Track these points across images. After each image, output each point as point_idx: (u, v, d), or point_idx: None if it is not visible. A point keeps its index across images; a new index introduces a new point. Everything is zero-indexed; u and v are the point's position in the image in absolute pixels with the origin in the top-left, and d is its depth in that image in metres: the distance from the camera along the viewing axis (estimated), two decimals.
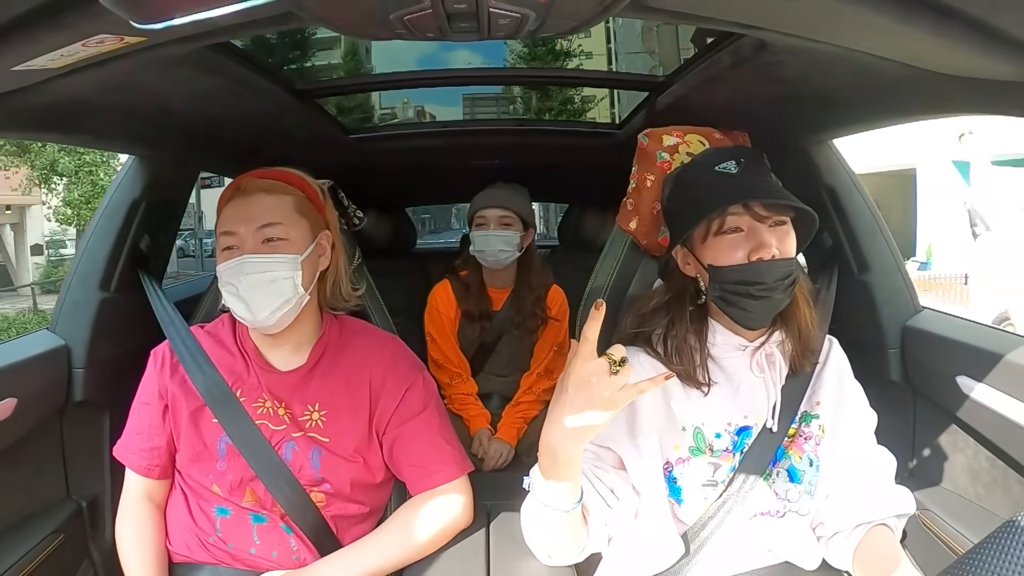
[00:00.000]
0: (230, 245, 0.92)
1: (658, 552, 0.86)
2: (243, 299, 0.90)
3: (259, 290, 0.90)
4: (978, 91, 0.74)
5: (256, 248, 0.91)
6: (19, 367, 1.09)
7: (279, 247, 0.92)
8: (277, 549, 0.94)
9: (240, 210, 0.93)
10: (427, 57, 2.11)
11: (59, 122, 0.94)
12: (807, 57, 0.80)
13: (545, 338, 1.84)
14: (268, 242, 0.92)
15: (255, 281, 0.90)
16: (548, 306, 1.83)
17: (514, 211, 1.76)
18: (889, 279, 1.25)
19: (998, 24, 0.57)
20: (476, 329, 1.84)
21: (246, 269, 0.90)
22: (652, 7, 0.62)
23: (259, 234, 0.91)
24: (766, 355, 0.90)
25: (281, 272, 0.91)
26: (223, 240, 0.93)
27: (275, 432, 0.95)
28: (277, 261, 0.91)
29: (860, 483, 0.90)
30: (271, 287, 0.90)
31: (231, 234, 0.92)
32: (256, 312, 0.91)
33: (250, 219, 0.92)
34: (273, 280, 0.90)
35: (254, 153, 1.42)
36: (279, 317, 0.92)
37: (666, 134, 1.10)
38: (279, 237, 0.92)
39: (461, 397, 1.80)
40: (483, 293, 1.84)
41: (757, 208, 0.83)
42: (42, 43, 0.59)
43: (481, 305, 1.83)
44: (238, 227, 0.92)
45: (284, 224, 0.93)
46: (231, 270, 0.91)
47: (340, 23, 0.61)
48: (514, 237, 1.75)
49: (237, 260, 0.91)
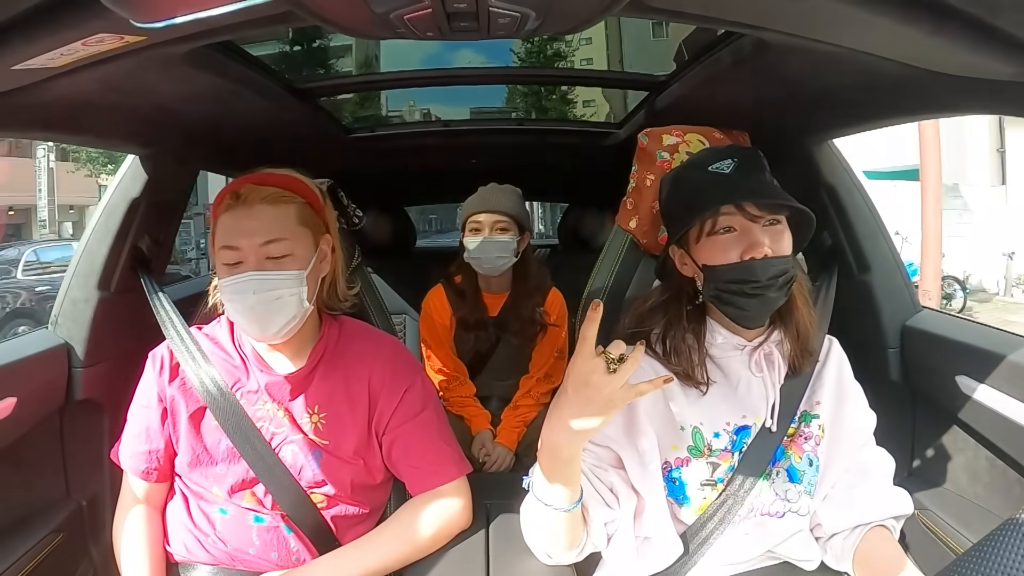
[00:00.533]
0: (233, 261, 0.89)
1: (657, 552, 0.86)
2: (250, 316, 0.89)
3: (266, 308, 0.88)
4: (978, 91, 0.74)
5: (260, 265, 0.88)
6: (19, 366, 1.09)
7: (284, 263, 0.89)
8: (277, 550, 0.94)
9: (242, 223, 0.89)
10: (432, 58, 2.11)
11: (59, 121, 0.94)
12: (807, 57, 0.80)
13: (544, 344, 1.81)
14: (272, 259, 0.89)
15: (262, 300, 0.88)
16: (546, 311, 1.79)
17: (510, 215, 1.71)
18: (889, 279, 1.25)
19: (997, 24, 0.57)
20: (471, 338, 1.80)
21: (252, 287, 0.87)
22: (652, 7, 0.62)
23: (263, 251, 0.89)
24: (765, 355, 0.90)
25: (287, 290, 0.89)
26: (224, 255, 0.90)
27: (275, 434, 0.95)
28: (283, 279, 0.89)
29: (859, 484, 0.90)
30: (277, 304, 0.89)
31: (233, 249, 0.89)
32: (265, 329, 0.90)
33: (253, 233, 0.89)
34: (279, 298, 0.89)
35: (254, 152, 1.42)
36: (286, 331, 0.91)
37: (666, 133, 1.10)
38: (284, 253, 0.90)
39: (459, 399, 1.78)
40: (478, 300, 1.80)
41: (750, 208, 0.83)
42: (42, 42, 0.59)
43: (476, 312, 1.79)
44: (240, 241, 0.89)
45: (289, 239, 0.90)
46: (235, 287, 0.88)
47: (340, 22, 0.60)
48: (510, 243, 1.70)
49: (242, 278, 0.88)
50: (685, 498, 0.87)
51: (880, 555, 0.85)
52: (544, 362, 1.80)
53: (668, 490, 0.87)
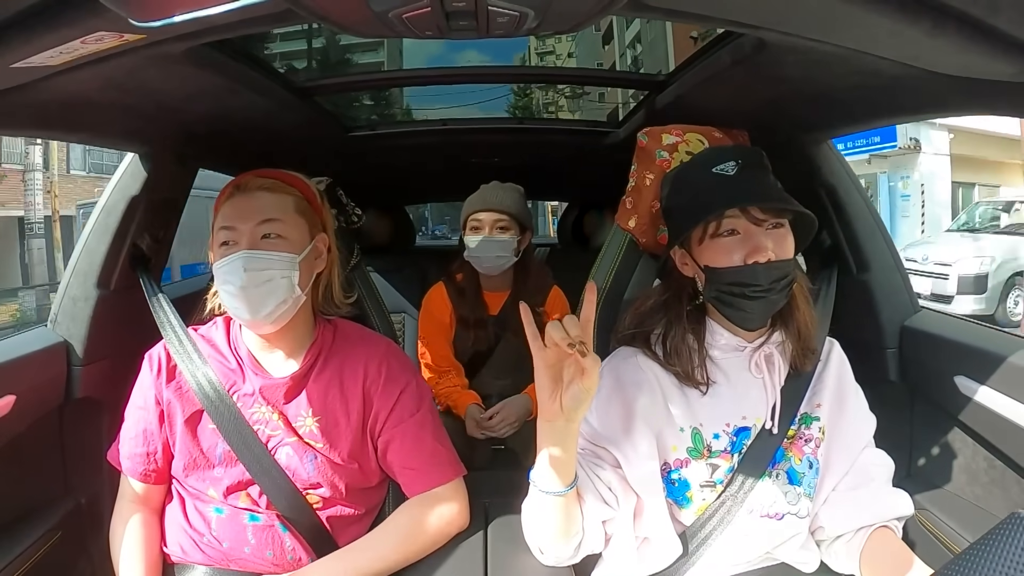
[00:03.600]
0: (227, 240, 0.92)
1: (657, 552, 0.86)
2: (241, 296, 0.89)
3: (258, 288, 0.89)
4: (977, 91, 0.74)
5: (254, 243, 0.90)
6: (18, 364, 1.09)
7: (277, 244, 0.91)
8: (272, 549, 0.94)
9: (240, 206, 0.92)
10: (438, 58, 2.12)
11: (58, 119, 0.94)
12: (807, 57, 0.80)
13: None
14: (267, 238, 0.91)
15: (253, 279, 0.89)
16: (548, 311, 1.77)
17: (511, 214, 1.70)
18: (888, 279, 1.25)
19: (997, 24, 0.57)
20: (471, 336, 1.79)
21: (244, 265, 0.89)
22: (651, 6, 0.62)
23: (258, 229, 0.91)
24: (765, 356, 0.90)
25: (279, 270, 0.90)
26: (220, 235, 0.92)
27: (270, 437, 0.95)
28: (276, 258, 0.91)
29: (861, 486, 0.90)
30: (269, 285, 0.90)
31: (230, 229, 0.91)
32: (255, 311, 0.90)
33: (250, 214, 0.91)
34: (270, 279, 0.90)
35: (254, 150, 1.42)
36: (277, 316, 0.92)
37: (665, 133, 1.10)
38: (278, 234, 0.91)
39: (447, 389, 1.75)
40: (479, 299, 1.79)
41: (754, 211, 0.83)
42: (41, 40, 0.59)
43: (477, 312, 1.78)
44: (237, 223, 0.91)
45: (283, 222, 0.92)
46: (228, 267, 0.90)
47: (338, 21, 0.60)
48: (511, 242, 1.69)
49: (235, 256, 0.90)
50: (684, 499, 0.87)
51: (888, 555, 0.84)
52: None
53: (667, 491, 0.87)
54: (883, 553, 0.85)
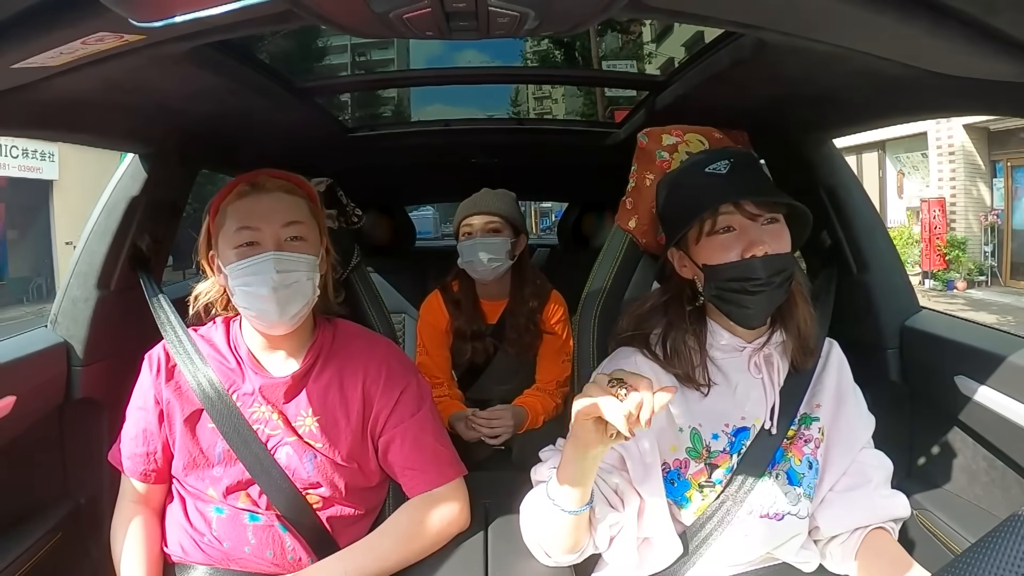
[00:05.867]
0: (250, 241, 0.90)
1: (657, 552, 0.86)
2: (271, 298, 0.88)
3: (287, 290, 0.89)
4: (976, 91, 0.74)
5: (280, 246, 0.90)
6: (18, 364, 1.09)
7: (301, 247, 0.91)
8: (272, 549, 0.94)
9: (261, 206, 0.91)
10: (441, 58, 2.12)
11: (58, 120, 0.94)
12: (807, 57, 0.80)
13: (544, 352, 1.73)
14: (291, 240, 0.90)
15: (284, 280, 0.88)
16: (545, 319, 1.73)
17: (501, 216, 1.64)
18: (888, 279, 1.25)
19: (996, 24, 0.57)
20: (468, 349, 1.74)
21: (274, 266, 0.88)
22: (652, 6, 0.62)
23: (283, 231, 0.90)
24: (764, 356, 0.90)
25: (304, 272, 0.90)
26: (240, 235, 0.90)
27: (270, 436, 0.95)
28: (303, 261, 0.90)
29: (858, 487, 0.90)
30: (296, 287, 0.90)
31: (252, 229, 0.90)
32: (283, 312, 0.89)
33: (274, 215, 0.90)
34: (297, 281, 0.90)
35: (255, 150, 1.42)
36: (299, 317, 0.92)
37: (665, 133, 1.10)
38: (301, 236, 0.91)
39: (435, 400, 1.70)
40: (476, 309, 1.73)
41: (748, 206, 0.83)
42: (42, 41, 0.59)
43: (473, 323, 1.72)
44: (260, 223, 0.89)
45: (304, 224, 0.92)
46: (254, 267, 0.88)
47: (339, 21, 0.60)
48: (503, 244, 1.63)
49: (265, 257, 0.88)
50: (684, 499, 0.87)
51: (884, 556, 0.85)
52: (552, 370, 1.72)
53: (667, 491, 0.87)
54: (879, 554, 0.85)
